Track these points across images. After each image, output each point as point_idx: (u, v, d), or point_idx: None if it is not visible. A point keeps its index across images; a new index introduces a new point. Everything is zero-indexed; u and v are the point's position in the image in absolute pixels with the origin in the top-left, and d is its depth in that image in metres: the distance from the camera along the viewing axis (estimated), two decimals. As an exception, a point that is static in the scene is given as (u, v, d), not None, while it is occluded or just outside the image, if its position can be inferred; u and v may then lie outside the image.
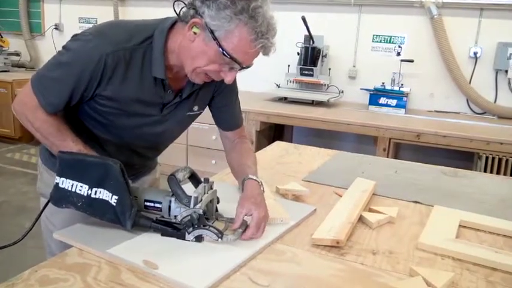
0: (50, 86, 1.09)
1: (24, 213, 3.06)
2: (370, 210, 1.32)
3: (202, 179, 1.11)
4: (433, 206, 1.37)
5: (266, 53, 1.08)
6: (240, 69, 1.09)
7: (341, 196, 1.41)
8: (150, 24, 1.13)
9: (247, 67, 1.09)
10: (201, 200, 1.05)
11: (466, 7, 3.45)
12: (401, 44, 3.71)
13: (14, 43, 5.26)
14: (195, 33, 1.05)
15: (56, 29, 5.13)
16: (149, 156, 1.40)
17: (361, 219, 1.25)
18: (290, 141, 4.00)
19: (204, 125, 3.44)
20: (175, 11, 1.09)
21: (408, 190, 1.54)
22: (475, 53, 3.48)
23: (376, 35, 3.78)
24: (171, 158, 3.62)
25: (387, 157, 3.00)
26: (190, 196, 1.04)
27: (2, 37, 5.08)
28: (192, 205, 1.04)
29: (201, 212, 1.04)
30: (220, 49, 1.03)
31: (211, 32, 1.02)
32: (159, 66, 1.12)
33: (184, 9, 1.08)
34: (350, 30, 3.85)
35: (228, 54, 1.03)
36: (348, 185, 1.50)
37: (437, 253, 1.09)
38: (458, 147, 2.95)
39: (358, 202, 1.33)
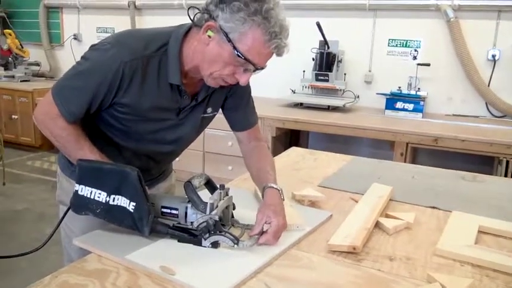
0: (69, 95, 1.12)
1: (45, 220, 3.12)
2: (387, 216, 1.31)
3: (218, 186, 1.12)
4: (451, 212, 1.36)
5: (280, 53, 1.09)
6: (254, 71, 1.10)
7: (357, 202, 1.40)
8: (165, 32, 1.16)
9: (262, 68, 1.10)
10: (217, 207, 1.06)
11: (483, 9, 3.41)
12: (417, 47, 3.68)
13: (34, 53, 5.38)
14: (209, 36, 1.07)
15: (75, 39, 5.24)
16: (165, 161, 1.42)
17: (377, 225, 1.25)
18: (306, 146, 4.00)
19: (220, 132, 3.46)
20: (189, 16, 1.11)
21: (425, 195, 1.52)
22: (494, 56, 3.44)
23: (392, 39, 3.76)
24: (188, 164, 3.65)
25: (404, 162, 2.98)
26: (206, 202, 1.05)
27: (22, 48, 5.20)
28: (208, 211, 1.05)
29: (216, 218, 1.04)
30: (235, 51, 1.04)
31: (226, 34, 1.04)
32: (174, 73, 1.14)
33: (198, 15, 1.10)
34: (365, 34, 3.83)
35: (243, 56, 1.04)
36: (364, 191, 1.49)
37: (456, 259, 1.07)
38: (478, 151, 2.90)
39: (374, 208, 1.32)
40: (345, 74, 3.79)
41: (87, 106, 1.12)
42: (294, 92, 3.90)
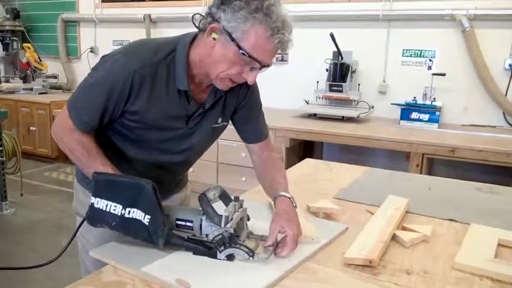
0: (82, 106, 1.16)
1: (61, 231, 3.15)
2: (404, 229, 1.29)
3: (232, 198, 1.12)
4: (469, 224, 1.33)
5: (284, 48, 1.10)
6: (260, 69, 1.12)
7: (373, 214, 1.39)
8: (173, 40, 1.19)
9: (267, 66, 1.11)
10: (232, 219, 1.06)
11: (499, 19, 3.38)
12: (432, 57, 3.65)
13: (52, 66, 5.49)
14: (214, 38, 1.09)
15: (91, 51, 5.33)
16: (178, 172, 1.42)
17: (394, 238, 1.23)
18: (320, 157, 3.98)
19: (233, 143, 3.47)
20: (193, 22, 1.14)
21: (443, 207, 1.50)
22: (510, 65, 3.39)
23: (406, 49, 3.74)
24: (202, 175, 3.67)
25: (420, 173, 2.94)
26: (221, 215, 1.05)
27: (40, 61, 5.32)
28: (223, 224, 1.04)
29: (231, 231, 1.04)
30: (239, 49, 1.06)
31: (229, 34, 1.06)
32: (182, 78, 1.16)
33: (202, 21, 1.13)
34: (379, 45, 3.82)
35: (247, 53, 1.06)
36: (380, 203, 1.47)
37: (475, 273, 1.05)
38: (495, 162, 2.85)
39: (390, 220, 1.31)
40: (359, 85, 3.79)
41: (100, 115, 1.15)
42: (308, 103, 3.90)
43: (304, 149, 3.95)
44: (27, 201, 3.72)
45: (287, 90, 4.06)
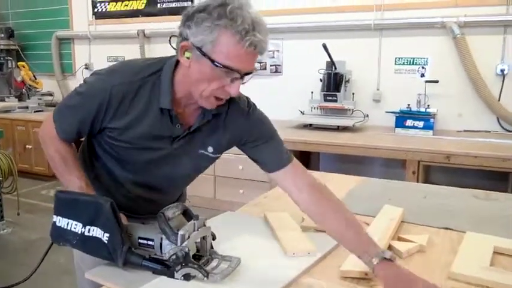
0: (64, 113, 1.20)
1: (59, 250, 3.09)
2: (399, 239, 1.29)
3: (195, 216, 1.07)
4: (465, 233, 1.33)
5: (259, 50, 1.03)
6: (242, 78, 1.06)
7: (368, 225, 1.39)
8: (161, 60, 1.18)
9: (249, 73, 1.06)
10: (189, 238, 1.02)
11: (489, 25, 3.41)
12: (424, 65, 3.68)
13: (47, 84, 5.48)
14: (188, 58, 1.06)
15: (86, 68, 5.34)
16: (168, 192, 1.37)
17: (390, 249, 1.22)
18: (317, 168, 3.98)
19: (230, 155, 3.45)
20: (171, 45, 1.15)
21: (438, 216, 1.50)
22: (502, 70, 3.41)
23: (399, 58, 3.76)
24: (199, 189, 3.67)
25: (417, 180, 2.95)
26: (178, 233, 1.02)
27: (35, 79, 5.32)
28: (179, 243, 1.01)
29: (186, 249, 1.01)
30: (212, 63, 1.01)
31: (199, 49, 1.02)
32: (165, 97, 1.13)
33: (177, 41, 1.10)
34: (372, 54, 3.85)
35: (221, 65, 1.01)
36: (376, 213, 1.47)
37: (471, 282, 1.05)
38: (491, 167, 2.86)
39: (386, 231, 1.31)
40: (353, 94, 3.80)
41: (78, 125, 1.17)
42: (303, 113, 3.91)
43: (300, 159, 3.91)
44: (24, 220, 3.70)
45: (281, 101, 4.07)
